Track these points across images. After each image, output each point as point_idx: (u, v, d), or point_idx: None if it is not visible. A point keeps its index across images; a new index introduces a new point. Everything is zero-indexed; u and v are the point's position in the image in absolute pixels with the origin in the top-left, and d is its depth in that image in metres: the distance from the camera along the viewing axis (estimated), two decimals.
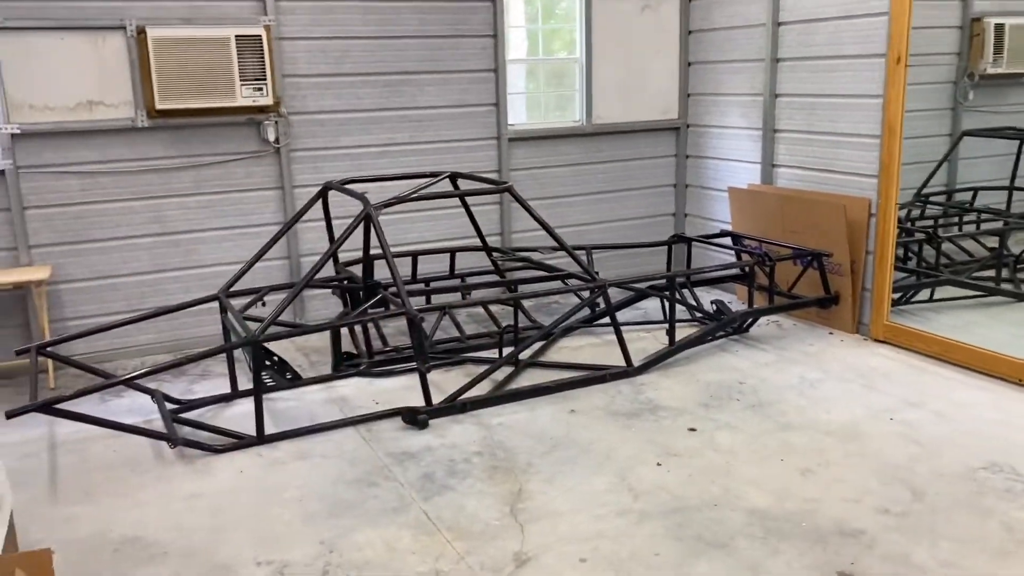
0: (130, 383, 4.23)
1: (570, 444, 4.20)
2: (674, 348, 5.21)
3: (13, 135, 5.19)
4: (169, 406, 4.68)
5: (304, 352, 5.69)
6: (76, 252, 5.48)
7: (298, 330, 4.33)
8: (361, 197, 4.62)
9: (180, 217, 5.70)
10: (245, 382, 4.95)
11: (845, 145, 5.69)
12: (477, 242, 5.93)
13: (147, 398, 4.75)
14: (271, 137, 5.76)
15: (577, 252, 6.58)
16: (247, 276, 5.72)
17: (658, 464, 3.97)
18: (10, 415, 3.71)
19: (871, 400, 4.64)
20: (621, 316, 6.13)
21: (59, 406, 3.79)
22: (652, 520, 3.49)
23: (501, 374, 5.06)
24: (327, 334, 5.52)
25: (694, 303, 5.75)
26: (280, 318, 5.94)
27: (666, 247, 6.26)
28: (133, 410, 4.77)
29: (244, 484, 3.89)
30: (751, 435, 4.26)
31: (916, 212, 6.50)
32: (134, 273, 5.65)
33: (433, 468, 3.99)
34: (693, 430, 4.33)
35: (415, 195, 4.66)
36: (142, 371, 4.00)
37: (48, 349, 4.50)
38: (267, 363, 4.18)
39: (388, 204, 4.57)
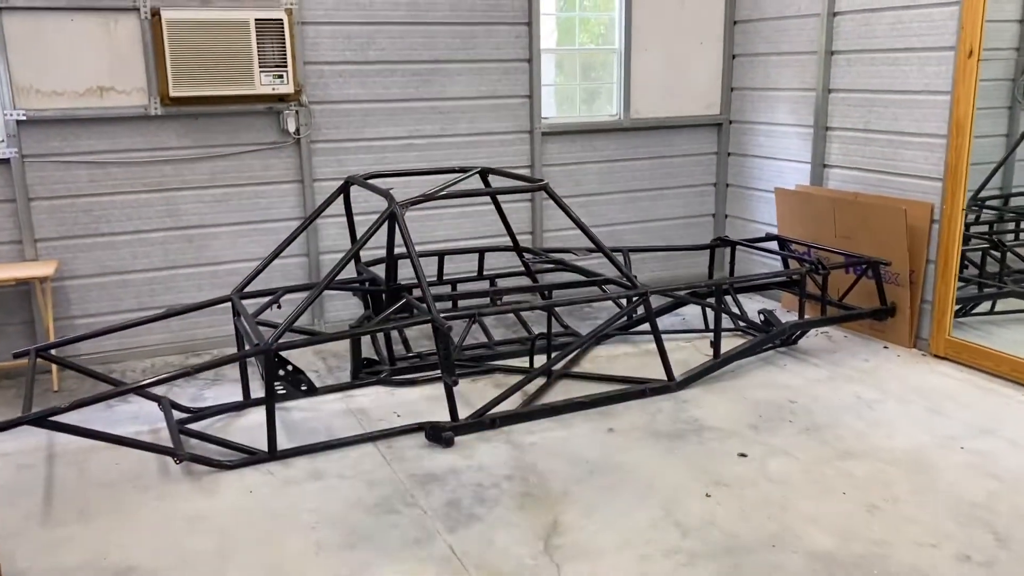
0: (135, 391, 3.91)
1: (609, 469, 3.84)
2: (719, 361, 4.83)
3: (19, 121, 4.89)
4: (178, 415, 4.38)
5: (322, 356, 5.36)
6: (84, 247, 5.18)
7: (315, 339, 3.99)
8: (386, 194, 4.27)
9: (194, 211, 5.38)
10: (258, 389, 4.63)
11: (907, 145, 5.28)
12: (507, 241, 5.58)
13: (155, 405, 4.44)
14: (291, 127, 5.43)
15: (614, 255, 6.23)
16: (263, 275, 5.42)
17: (707, 495, 3.61)
18: (0, 428, 3.41)
19: (936, 425, 4.25)
20: (660, 323, 5.75)
21: (55, 418, 3.47)
22: (704, 562, 3.13)
23: (533, 386, 4.71)
24: None
25: (738, 311, 5.37)
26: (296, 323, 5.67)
27: (708, 251, 5.86)
28: (139, 417, 4.47)
29: (252, 506, 3.57)
30: (807, 463, 3.88)
31: (971, 217, 6.07)
32: (145, 269, 5.34)
33: (459, 494, 3.65)
34: (743, 455, 3.96)
35: (442, 192, 4.31)
36: (143, 382, 3.68)
37: (49, 352, 4.20)
38: (280, 372, 3.86)
39: (415, 202, 4.23)
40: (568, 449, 4.04)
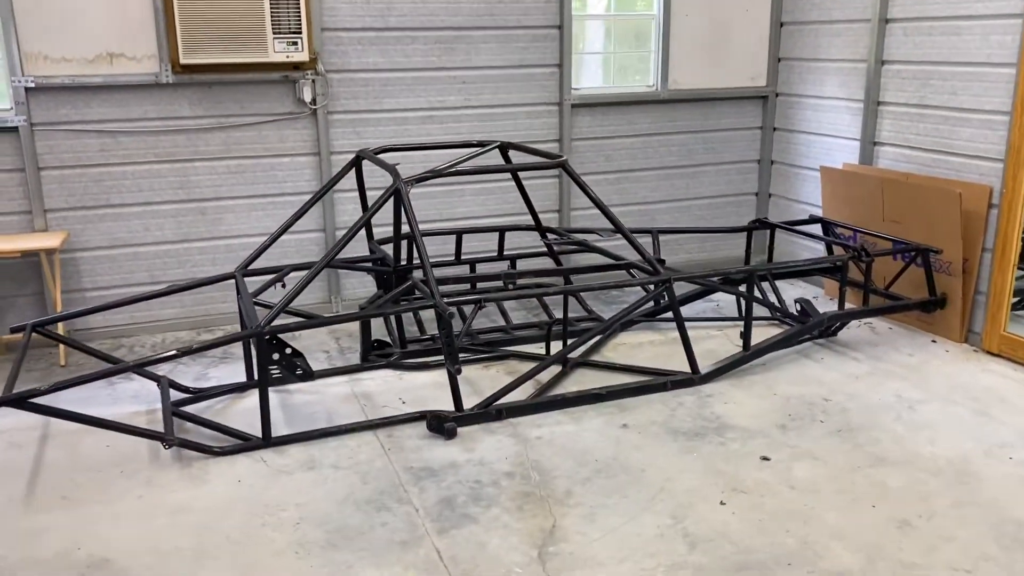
0: (124, 371, 3.76)
1: (618, 469, 3.58)
2: (749, 354, 4.51)
3: (27, 88, 4.75)
4: (178, 395, 4.24)
5: (336, 336, 5.18)
6: (94, 218, 5.05)
7: (309, 322, 3.79)
8: (391, 169, 4.03)
9: (207, 182, 5.21)
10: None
11: (965, 122, 4.84)
12: (530, 220, 5.30)
13: (156, 384, 4.31)
14: (307, 97, 5.21)
15: (642, 237, 5.92)
16: (277, 251, 5.26)
17: (722, 503, 3.33)
18: None
19: (985, 431, 3.88)
20: (690, 309, 5.45)
21: (35, 400, 3.33)
22: None
23: (547, 374, 4.45)
24: None
25: (775, 300, 5.02)
26: (305, 300, 5.49)
27: (745, 233, 5.50)
28: (139, 396, 4.33)
29: (239, 498, 3.39)
30: (837, 469, 3.57)
31: None
32: (156, 242, 5.20)
33: (455, 491, 3.43)
34: (766, 459, 3.66)
35: (451, 168, 4.05)
36: (129, 363, 3.51)
37: (46, 327, 4.08)
38: (274, 356, 3.67)
39: (421, 178, 3.98)
40: (577, 445, 3.78)
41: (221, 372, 4.66)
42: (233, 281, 4.81)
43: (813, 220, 5.47)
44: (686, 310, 5.42)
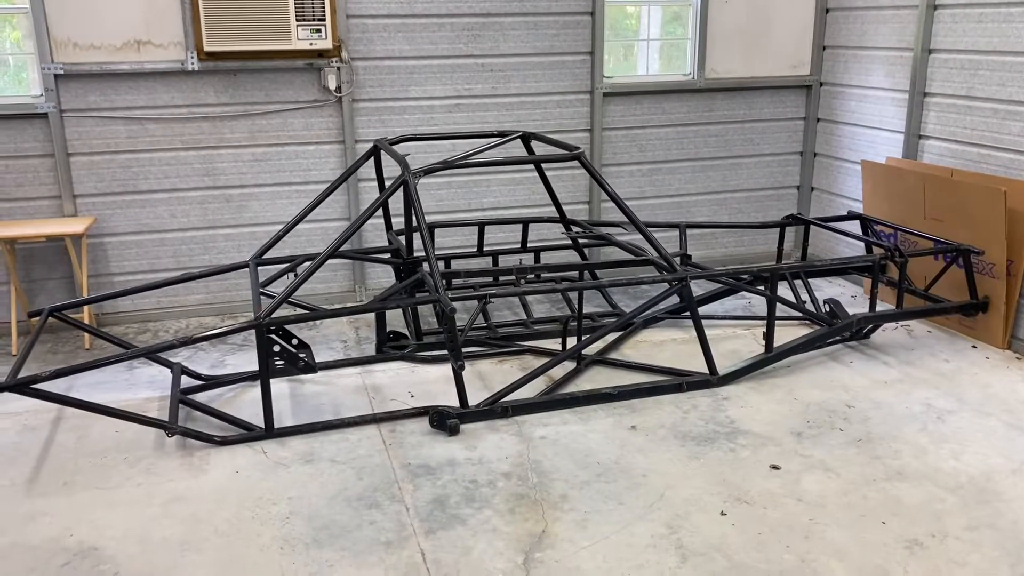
0: (144, 355, 3.79)
1: (619, 473, 3.48)
2: (770, 356, 4.34)
3: (57, 75, 4.83)
4: (192, 383, 4.27)
5: (356, 326, 5.17)
6: (122, 203, 5.12)
7: (309, 315, 3.76)
8: (400, 160, 3.97)
9: (232, 170, 5.24)
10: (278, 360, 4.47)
11: (1014, 116, 4.56)
12: (553, 212, 5.19)
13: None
14: (332, 85, 5.18)
15: (668, 231, 5.76)
16: (300, 240, 5.29)
17: (722, 513, 3.20)
18: None
19: (1016, 446, 3.66)
20: (720, 306, 5.29)
21: (36, 386, 3.38)
22: None
23: (561, 370, 4.36)
24: None
25: (808, 298, 4.81)
26: (331, 289, 5.48)
27: (778, 229, 5.30)
28: (155, 382, 4.38)
29: (234, 489, 3.39)
30: (849, 482, 3.40)
31: None
32: (183, 228, 5.25)
33: (449, 490, 3.37)
34: (776, 468, 3.51)
35: (461, 160, 3.97)
36: (125, 354, 3.53)
37: (64, 312, 4.14)
38: (275, 348, 3.65)
39: (429, 170, 3.91)
40: (580, 446, 3.69)
41: (238, 360, 4.68)
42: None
43: (851, 216, 5.24)
44: (715, 307, 5.26)
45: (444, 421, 3.80)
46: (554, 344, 4.74)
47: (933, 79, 5.06)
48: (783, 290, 4.98)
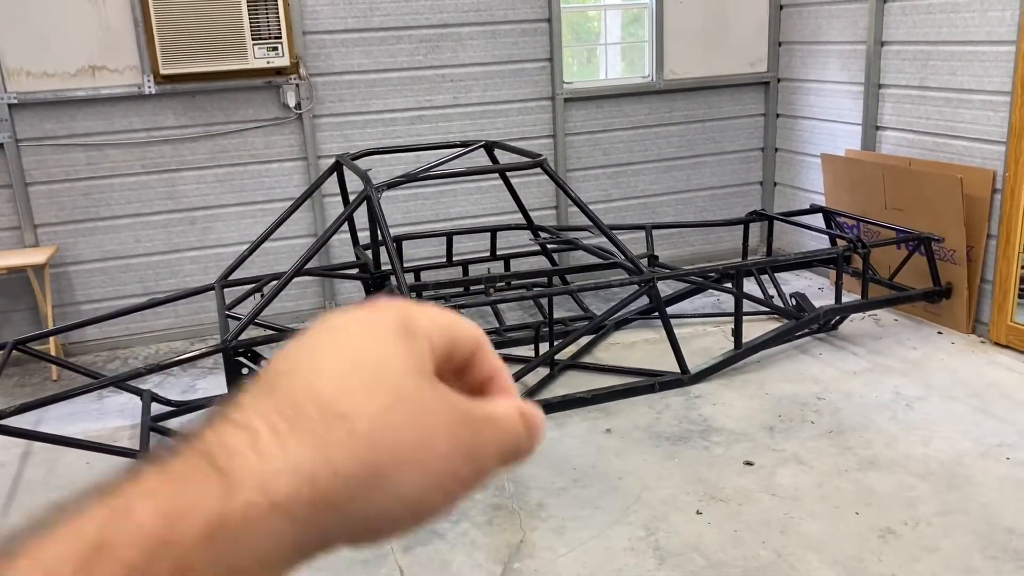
0: (112, 384, 3.76)
1: (596, 477, 3.49)
2: (739, 352, 4.38)
3: (10, 105, 4.77)
4: (163, 409, 4.23)
5: None
6: (85, 231, 5.07)
7: (276, 335, 3.75)
8: (362, 175, 3.97)
9: (195, 191, 5.20)
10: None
11: (966, 104, 4.64)
12: (522, 219, 5.21)
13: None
14: (292, 102, 5.16)
15: (634, 233, 5.78)
16: (266, 259, 5.25)
17: (698, 512, 3.22)
18: None
19: (983, 429, 3.72)
20: (687, 305, 5.32)
21: (2, 422, 3.33)
22: None
23: (534, 377, 4.37)
24: None
25: (775, 292, 4.86)
26: (300, 307, 5.46)
27: (743, 225, 5.34)
28: (126, 411, 4.33)
29: None
30: (822, 474, 3.44)
31: None
32: (148, 253, 5.21)
33: None
34: (749, 464, 3.54)
35: (423, 172, 3.97)
36: (91, 384, 3.49)
37: (28, 344, 4.09)
38: (243, 371, 3.63)
39: (392, 183, 3.91)
40: (556, 452, 3.70)
41: (209, 383, 4.64)
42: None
43: (814, 210, 5.30)
44: (685, 306, 5.29)
45: None
46: (527, 351, 4.74)
47: (887, 71, 5.14)
48: (750, 286, 5.02)
